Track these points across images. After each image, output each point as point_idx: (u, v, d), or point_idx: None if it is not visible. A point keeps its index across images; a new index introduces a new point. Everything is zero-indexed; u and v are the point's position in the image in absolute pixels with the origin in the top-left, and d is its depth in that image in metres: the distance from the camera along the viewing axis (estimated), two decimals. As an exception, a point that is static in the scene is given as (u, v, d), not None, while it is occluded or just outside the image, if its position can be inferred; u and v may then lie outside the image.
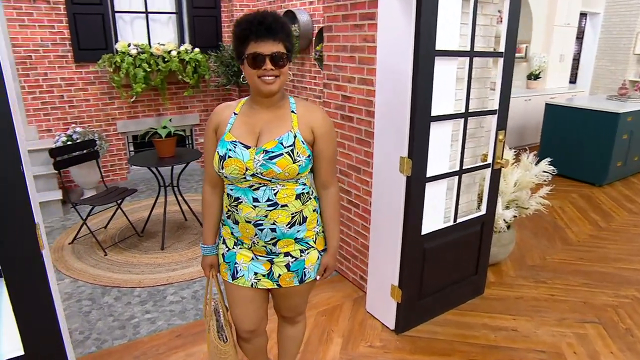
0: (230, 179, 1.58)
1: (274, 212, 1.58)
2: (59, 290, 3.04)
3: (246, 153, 1.54)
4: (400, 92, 2.29)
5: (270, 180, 1.55)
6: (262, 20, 1.47)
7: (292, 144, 1.55)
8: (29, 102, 4.55)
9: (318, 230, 1.73)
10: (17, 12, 4.33)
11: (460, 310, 2.85)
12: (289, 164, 1.53)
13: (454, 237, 2.68)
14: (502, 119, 2.64)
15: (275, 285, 1.70)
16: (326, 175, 1.69)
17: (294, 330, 1.98)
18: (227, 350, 1.84)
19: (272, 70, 1.49)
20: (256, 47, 1.47)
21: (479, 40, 2.60)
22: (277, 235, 1.62)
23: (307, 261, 1.70)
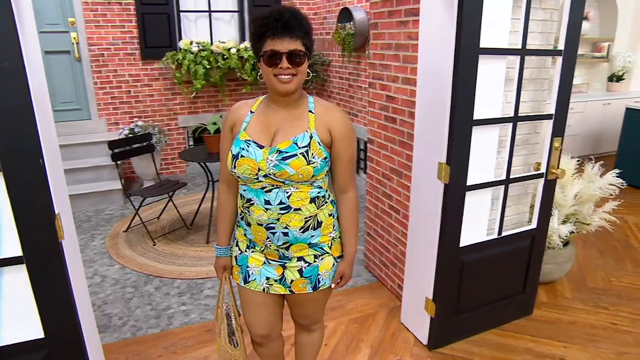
0: (242, 179, 1.53)
1: (287, 216, 1.52)
2: (109, 275, 3.24)
3: (259, 153, 1.49)
4: (439, 93, 2.14)
5: (284, 182, 1.49)
6: (279, 17, 1.40)
7: (308, 144, 1.48)
8: (100, 97, 4.88)
9: (334, 236, 1.65)
10: (94, 14, 4.65)
11: (503, 330, 2.63)
12: (303, 165, 1.46)
13: (497, 252, 2.47)
14: (559, 125, 2.39)
15: (288, 291, 1.65)
16: (344, 179, 1.61)
17: (310, 338, 1.91)
18: (237, 355, 1.81)
19: (289, 69, 1.43)
20: (273, 45, 1.41)
21: (535, 37, 2.38)
22: (290, 240, 1.56)
23: (321, 267, 1.62)
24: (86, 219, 4.25)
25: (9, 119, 1.47)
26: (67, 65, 4.71)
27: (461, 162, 2.16)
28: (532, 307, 2.77)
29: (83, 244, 3.75)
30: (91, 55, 4.72)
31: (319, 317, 1.85)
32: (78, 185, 4.44)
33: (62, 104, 4.77)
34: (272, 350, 1.89)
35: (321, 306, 1.81)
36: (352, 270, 1.72)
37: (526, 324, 2.69)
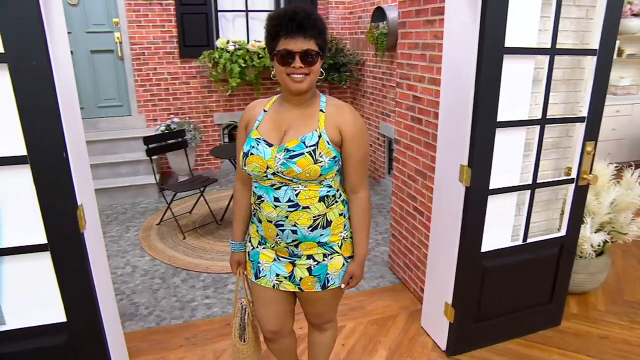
0: (253, 176, 1.56)
1: (295, 214, 1.53)
2: (139, 266, 3.36)
3: (268, 151, 1.50)
4: (462, 94, 2.08)
5: (292, 180, 1.50)
6: (293, 16, 1.41)
7: (315, 143, 1.49)
8: (140, 94, 5.07)
9: (345, 236, 1.64)
10: (136, 14, 4.84)
11: (527, 340, 2.54)
12: (310, 164, 1.47)
13: (522, 258, 2.38)
14: (592, 128, 2.27)
15: (297, 289, 1.66)
16: (355, 179, 1.60)
17: (322, 337, 1.91)
18: (245, 350, 1.85)
19: (302, 68, 1.44)
20: (286, 44, 1.42)
21: (568, 36, 2.27)
22: (299, 238, 1.57)
23: (330, 266, 1.63)
24: (123, 211, 4.43)
25: (36, 115, 1.55)
26: (111, 63, 4.93)
27: (483, 164, 2.10)
28: (560, 318, 2.65)
29: (118, 235, 3.92)
30: (132, 54, 4.91)
31: (331, 316, 1.85)
32: (117, 178, 4.64)
33: (105, 100, 5.00)
34: (283, 346, 1.90)
35: (332, 305, 1.81)
36: (362, 271, 1.71)
37: (553, 335, 2.58)
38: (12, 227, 1.66)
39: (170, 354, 2.46)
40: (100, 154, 4.71)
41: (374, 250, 3.60)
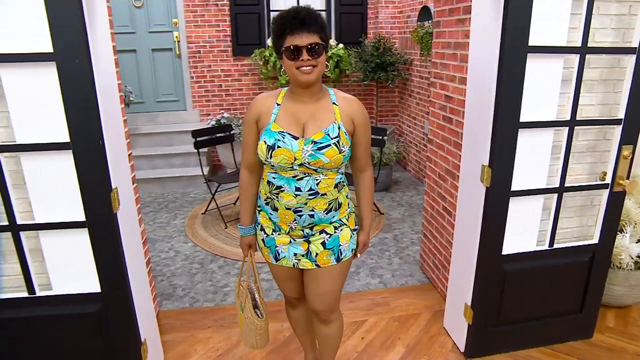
0: (276, 168, 1.65)
1: (314, 200, 1.66)
2: (182, 251, 3.59)
3: (295, 144, 1.60)
4: (484, 94, 2.07)
5: (316, 170, 1.62)
6: (296, 15, 1.54)
7: (338, 135, 1.62)
8: (195, 90, 5.37)
9: (350, 212, 1.82)
10: (194, 15, 5.13)
11: (553, 350, 2.45)
12: (336, 154, 1.61)
13: (548, 264, 2.31)
14: (630, 131, 2.16)
15: (314, 265, 1.77)
16: (363, 161, 1.80)
17: (329, 330, 1.96)
18: (261, 325, 1.96)
19: (309, 60, 1.54)
20: (292, 40, 1.53)
21: (608, 33, 2.17)
22: (315, 221, 1.71)
23: (341, 238, 1.77)
24: (173, 199, 4.72)
25: (77, 107, 1.73)
26: (169, 61, 5.27)
27: (505, 165, 2.06)
28: (592, 329, 2.53)
29: (166, 222, 4.19)
30: (189, 52, 5.21)
31: (336, 300, 1.89)
32: (171, 169, 4.96)
33: (163, 95, 5.35)
34: (303, 312, 2.07)
35: (339, 284, 1.86)
36: (369, 238, 1.90)
37: (582, 347, 2.47)
38: (57, 205, 1.87)
39: (199, 332, 2.63)
40: (157, 145, 5.05)
41: (408, 249, 3.60)
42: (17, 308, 1.97)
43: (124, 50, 5.01)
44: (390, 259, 3.45)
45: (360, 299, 2.93)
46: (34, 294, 1.97)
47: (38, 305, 1.98)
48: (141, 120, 5.28)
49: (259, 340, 2.01)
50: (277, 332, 2.58)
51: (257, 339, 2.00)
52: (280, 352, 2.46)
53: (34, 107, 1.75)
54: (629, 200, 2.60)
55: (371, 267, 3.32)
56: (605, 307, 2.77)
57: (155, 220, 4.23)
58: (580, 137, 2.32)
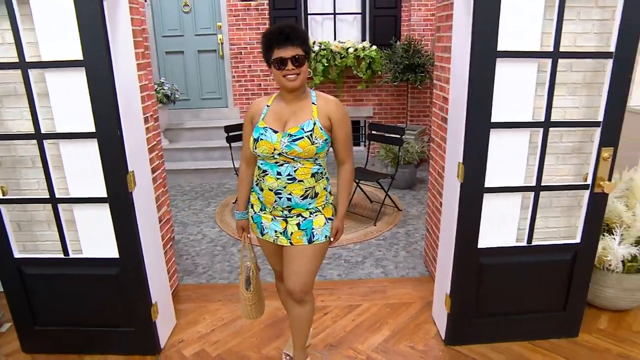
0: (261, 156, 1.95)
1: (292, 185, 1.93)
2: (208, 235, 3.96)
3: (274, 136, 1.89)
4: (460, 96, 2.22)
5: (293, 158, 1.89)
6: (282, 31, 1.83)
7: (312, 129, 1.88)
8: (236, 89, 5.78)
9: (326, 202, 2.04)
10: (236, 18, 5.53)
11: (534, 345, 2.53)
12: (308, 145, 1.86)
13: (527, 260, 2.40)
14: (609, 133, 2.21)
15: (289, 243, 2.02)
16: (342, 153, 2.02)
17: (302, 310, 2.16)
18: (250, 298, 2.26)
19: (294, 70, 1.83)
20: (279, 53, 1.82)
21: (590, 38, 2.23)
22: (292, 204, 1.97)
23: (314, 222, 2.00)
24: (210, 189, 5.15)
25: (100, 105, 2.10)
26: (213, 61, 5.71)
27: (477, 163, 2.19)
28: (576, 329, 2.57)
29: (200, 209, 4.61)
30: (231, 53, 5.62)
31: (308, 281, 2.11)
32: (210, 161, 5.39)
33: (207, 93, 5.82)
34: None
35: (313, 266, 2.08)
36: (343, 225, 2.10)
37: (565, 345, 2.53)
38: (86, 183, 2.26)
39: (210, 304, 2.97)
40: (198, 139, 5.51)
41: (416, 243, 3.74)
42: (54, 266, 2.39)
43: (173, 52, 5.51)
44: (397, 252, 3.61)
45: (360, 286, 3.14)
46: (68, 255, 2.38)
47: (70, 266, 2.39)
48: (186, 115, 5.77)
49: (250, 311, 2.31)
50: (277, 309, 2.84)
51: (248, 309, 2.31)
52: (276, 326, 2.73)
53: (70, 103, 2.15)
54: (620, 203, 2.61)
55: (377, 259, 3.51)
56: (599, 310, 2.79)
57: (190, 206, 4.66)
58: (565, 139, 2.39)
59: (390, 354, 2.47)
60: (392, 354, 2.47)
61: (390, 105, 5.94)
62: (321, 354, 2.48)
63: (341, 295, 3.02)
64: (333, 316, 2.79)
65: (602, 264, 2.60)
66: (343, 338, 2.61)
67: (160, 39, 5.67)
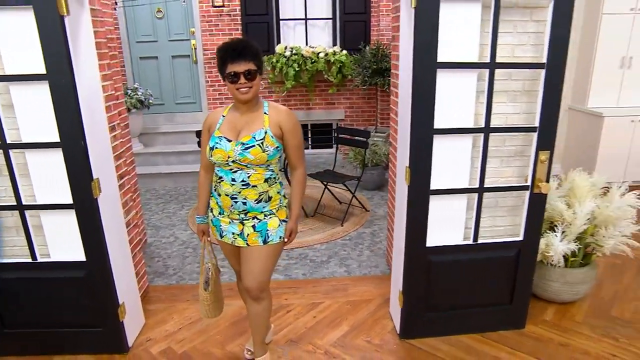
0: (217, 164, 2.08)
1: (246, 190, 2.05)
2: (180, 238, 4.06)
3: (228, 145, 2.02)
4: (406, 103, 2.36)
5: (246, 165, 2.01)
6: (235, 47, 1.96)
7: (263, 138, 2.00)
8: (210, 93, 5.88)
9: (280, 205, 2.17)
10: (209, 24, 5.63)
11: (483, 337, 2.69)
12: (259, 153, 1.99)
13: (474, 257, 2.56)
14: (545, 138, 2.38)
15: (245, 244, 2.15)
16: (294, 160, 2.16)
17: (259, 307, 2.29)
18: (208, 297, 2.37)
19: (246, 83, 1.96)
20: (232, 67, 1.94)
21: (527, 49, 2.40)
22: (247, 208, 2.09)
23: (269, 224, 2.13)
24: (184, 192, 5.24)
25: (64, 116, 2.19)
26: (187, 66, 5.80)
27: (422, 167, 2.34)
28: (523, 321, 2.75)
29: (173, 212, 4.70)
30: (204, 59, 5.72)
31: (264, 279, 2.23)
32: (183, 165, 5.47)
33: (181, 97, 5.91)
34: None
35: (268, 265, 2.21)
36: (297, 226, 2.23)
37: (512, 336, 2.69)
38: (52, 190, 2.35)
39: (178, 304, 3.07)
40: (173, 143, 5.59)
41: (381, 243, 3.89)
42: (22, 270, 2.47)
43: (147, 57, 5.57)
44: (362, 251, 3.76)
45: (323, 285, 3.27)
46: (36, 260, 2.47)
47: (38, 269, 2.47)
48: (161, 120, 5.86)
49: (208, 311, 2.43)
50: (242, 307, 2.94)
51: (207, 309, 2.42)
52: (240, 324, 2.85)
53: (34, 114, 2.24)
54: (562, 202, 2.79)
55: (342, 258, 3.65)
56: (547, 302, 2.97)
57: (164, 210, 4.75)
58: (508, 143, 2.55)
59: (347, 348, 2.61)
60: (349, 348, 2.61)
61: (362, 108, 6.10)
62: (282, 349, 2.61)
63: (305, 294, 3.15)
64: (295, 313, 2.92)
65: (547, 259, 2.78)
66: (304, 334, 2.74)
67: (134, 45, 5.73)
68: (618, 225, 2.76)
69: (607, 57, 4.92)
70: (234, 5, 5.54)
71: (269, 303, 2.34)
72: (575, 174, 2.91)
